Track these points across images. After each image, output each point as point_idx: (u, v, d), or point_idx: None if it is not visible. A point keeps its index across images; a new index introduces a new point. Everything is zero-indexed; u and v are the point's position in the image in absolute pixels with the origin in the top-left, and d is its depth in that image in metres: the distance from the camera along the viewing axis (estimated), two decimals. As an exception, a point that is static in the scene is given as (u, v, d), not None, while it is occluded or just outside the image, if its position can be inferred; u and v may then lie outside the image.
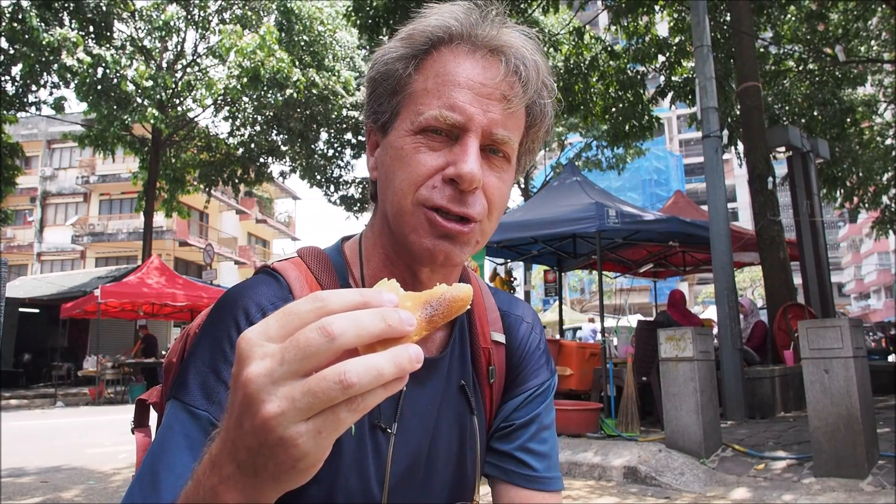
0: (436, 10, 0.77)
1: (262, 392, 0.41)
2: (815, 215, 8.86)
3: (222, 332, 0.70)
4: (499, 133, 0.73)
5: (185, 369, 0.69)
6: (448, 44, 0.75)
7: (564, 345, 8.54)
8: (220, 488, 0.46)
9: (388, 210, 0.76)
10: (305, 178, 20.76)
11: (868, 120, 15.65)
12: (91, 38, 14.28)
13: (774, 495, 4.38)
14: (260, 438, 0.42)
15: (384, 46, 0.79)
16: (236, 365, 0.44)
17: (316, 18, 17.10)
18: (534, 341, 0.94)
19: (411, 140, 0.73)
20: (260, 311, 0.71)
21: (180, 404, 0.67)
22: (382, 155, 0.78)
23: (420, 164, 0.72)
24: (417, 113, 0.73)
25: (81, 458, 6.51)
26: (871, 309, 53.64)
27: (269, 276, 0.77)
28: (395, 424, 0.77)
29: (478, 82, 0.72)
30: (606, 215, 7.22)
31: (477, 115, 0.72)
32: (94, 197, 29.76)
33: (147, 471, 0.63)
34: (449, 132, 0.72)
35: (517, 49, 0.74)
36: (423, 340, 0.80)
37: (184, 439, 0.64)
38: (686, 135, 51.92)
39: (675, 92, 12.83)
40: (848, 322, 4.59)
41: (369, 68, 0.80)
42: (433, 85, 0.73)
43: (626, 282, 16.97)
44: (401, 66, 0.75)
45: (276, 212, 38.75)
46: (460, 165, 0.70)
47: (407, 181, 0.73)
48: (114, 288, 14.00)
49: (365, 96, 0.81)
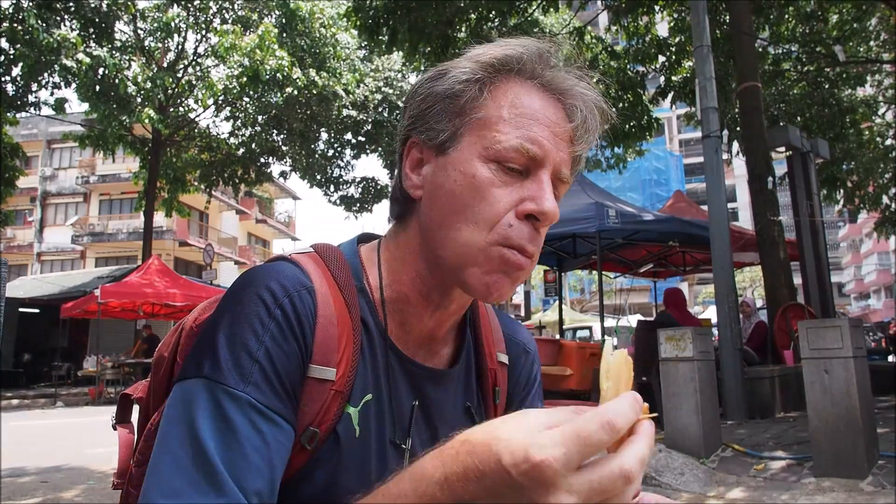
0: (504, 42, 0.76)
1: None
2: (815, 215, 8.86)
3: (250, 311, 0.67)
4: (563, 174, 0.74)
5: (211, 348, 0.66)
6: (520, 76, 0.74)
7: (564, 345, 8.54)
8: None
9: (444, 237, 0.73)
10: (305, 179, 20.74)
11: (867, 120, 15.66)
12: (91, 39, 14.27)
13: (774, 495, 4.38)
14: None
15: (450, 64, 0.77)
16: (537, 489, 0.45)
17: (317, 19, 17.10)
18: (535, 373, 0.95)
19: (485, 169, 0.71)
20: (285, 293, 0.69)
21: (214, 384, 0.63)
22: (440, 176, 0.74)
23: (499, 199, 0.70)
24: (494, 141, 0.71)
25: (81, 458, 6.52)
26: (871, 309, 53.65)
27: (287, 261, 0.76)
28: (409, 440, 0.77)
29: (552, 121, 0.72)
30: (606, 215, 7.22)
31: (552, 153, 0.72)
32: (94, 197, 29.76)
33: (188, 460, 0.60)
34: (523, 167, 0.71)
35: (586, 99, 0.75)
36: (430, 354, 0.82)
37: (223, 423, 0.61)
38: (686, 135, 51.93)
39: (675, 92, 12.83)
40: (848, 322, 4.60)
41: (428, 80, 0.77)
42: (510, 115, 0.72)
43: (626, 282, 16.97)
44: (474, 88, 0.73)
45: (276, 212, 38.74)
46: (542, 202, 0.70)
47: (485, 216, 0.70)
48: (114, 288, 14.00)
49: (413, 107, 0.78)
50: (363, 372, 0.74)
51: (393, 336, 0.78)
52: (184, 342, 0.80)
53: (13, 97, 13.86)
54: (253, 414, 0.63)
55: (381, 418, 0.75)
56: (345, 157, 20.90)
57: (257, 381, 0.64)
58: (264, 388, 0.64)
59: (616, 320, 15.18)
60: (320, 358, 0.70)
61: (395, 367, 0.78)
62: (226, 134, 19.62)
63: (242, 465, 0.60)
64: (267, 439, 0.63)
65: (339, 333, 0.72)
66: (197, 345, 0.69)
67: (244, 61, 14.58)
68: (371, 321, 0.77)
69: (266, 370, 0.65)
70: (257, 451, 0.61)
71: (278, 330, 0.67)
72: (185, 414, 0.63)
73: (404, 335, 0.79)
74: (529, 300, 20.95)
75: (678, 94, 12.85)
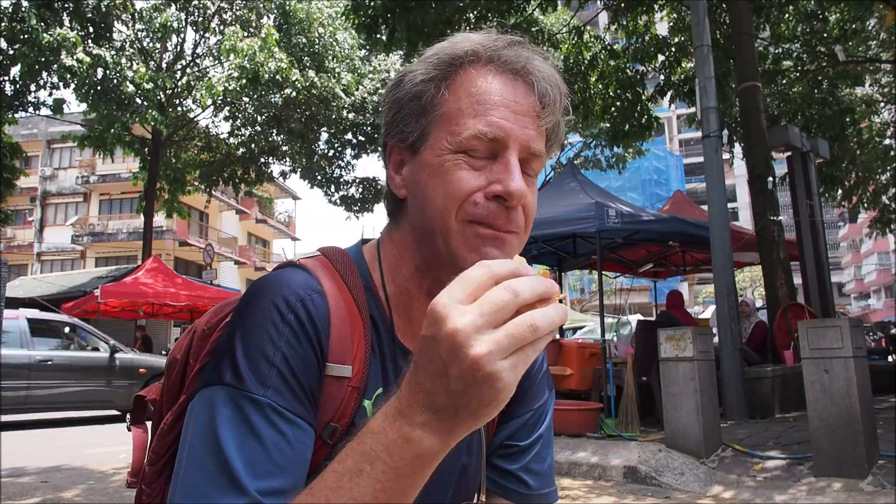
0: (459, 37, 0.79)
1: (469, 339, 0.51)
2: (815, 215, 8.85)
3: (265, 318, 0.70)
4: (534, 149, 0.75)
5: (229, 357, 0.68)
6: (475, 64, 0.76)
7: (564, 345, 8.54)
8: (414, 435, 0.55)
9: (429, 227, 0.76)
10: (305, 179, 20.74)
11: (867, 120, 15.66)
12: (91, 39, 14.27)
13: (774, 495, 4.38)
14: (468, 379, 0.52)
15: (408, 67, 0.80)
16: (432, 326, 0.53)
17: (316, 19, 17.08)
18: (540, 359, 0.96)
19: (452, 159, 0.74)
20: (298, 298, 0.72)
21: (235, 391, 0.66)
22: (416, 174, 0.78)
23: (461, 180, 0.73)
24: (455, 133, 0.74)
25: (81, 458, 6.51)
26: (871, 309, 53.65)
27: (298, 268, 0.78)
28: None
29: (511, 100, 0.74)
30: (606, 215, 7.21)
31: (515, 131, 0.73)
32: (94, 197, 29.77)
33: (211, 467, 0.62)
34: (488, 151, 0.73)
35: (542, 72, 0.76)
36: None
37: (246, 426, 0.64)
38: (686, 135, 51.90)
39: (674, 91, 12.83)
40: (848, 322, 4.60)
41: (392, 89, 0.81)
42: (467, 104, 0.74)
43: (626, 282, 16.94)
44: (431, 87, 0.76)
45: (276, 212, 38.73)
46: (508, 183, 0.72)
47: (449, 198, 0.73)
48: (114, 288, 14.00)
49: (385, 115, 0.82)
50: (375, 367, 0.78)
51: (400, 331, 0.81)
52: (196, 344, 0.83)
53: (12, 97, 13.85)
54: (274, 417, 0.65)
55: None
56: (345, 157, 20.88)
57: (276, 385, 0.67)
58: (284, 392, 0.67)
59: (616, 320, 15.17)
60: (337, 357, 0.73)
61: (402, 361, 0.80)
62: (225, 134, 19.63)
63: (266, 466, 0.63)
64: (290, 440, 0.65)
65: (351, 332, 0.75)
66: (216, 353, 0.72)
67: (245, 63, 14.57)
68: (379, 318, 0.80)
69: (284, 374, 0.68)
70: (281, 451, 0.64)
71: (293, 335, 0.70)
72: (209, 421, 0.65)
73: (411, 329, 0.82)
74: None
75: (678, 94, 12.85)
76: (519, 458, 0.90)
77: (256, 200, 33.81)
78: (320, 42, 17.20)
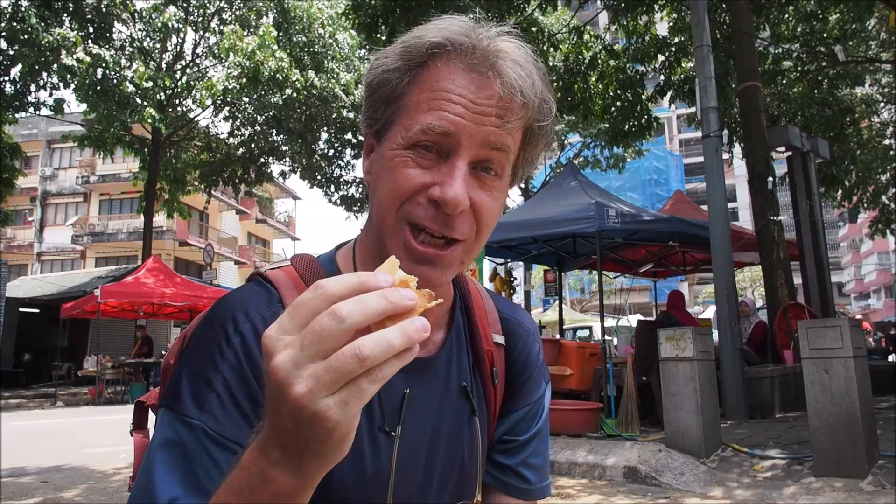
0: (435, 23, 0.75)
1: (289, 376, 0.46)
2: (815, 215, 8.85)
3: (212, 341, 0.70)
4: (495, 143, 0.71)
5: (177, 378, 0.70)
6: (444, 57, 0.72)
7: (564, 345, 8.54)
8: (270, 472, 0.51)
9: (376, 221, 0.76)
10: (305, 179, 20.74)
11: (867, 120, 15.66)
12: (91, 39, 14.27)
13: (774, 495, 4.38)
14: (295, 417, 0.47)
15: (382, 53, 0.76)
16: (265, 361, 0.48)
17: (316, 19, 17.09)
18: (535, 350, 0.95)
19: (402, 153, 0.72)
20: (248, 320, 0.71)
21: (174, 414, 0.67)
22: (374, 163, 0.77)
23: (406, 178, 0.71)
24: (408, 128, 0.71)
25: (81, 458, 6.51)
26: (871, 309, 53.64)
27: (259, 285, 0.77)
28: (399, 427, 0.77)
29: (470, 99, 0.70)
30: (606, 215, 7.21)
31: (467, 130, 0.70)
32: (94, 197, 29.77)
33: (142, 485, 0.64)
34: (439, 149, 0.71)
35: (516, 69, 0.72)
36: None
37: (177, 449, 0.65)
38: (686, 135, 51.88)
39: (674, 91, 12.83)
40: (848, 322, 4.60)
41: (367, 73, 0.78)
42: (425, 98, 0.71)
43: (626, 282, 16.95)
44: (395, 77, 0.73)
45: (276, 212, 38.74)
46: (445, 189, 0.69)
47: (392, 195, 0.72)
48: (114, 288, 13.99)
49: (363, 99, 0.80)
50: None
51: None
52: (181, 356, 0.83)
53: (12, 97, 13.86)
54: (206, 441, 0.65)
55: (370, 407, 0.76)
56: (345, 157, 20.88)
57: (213, 409, 0.66)
58: (220, 417, 0.66)
59: (616, 320, 15.17)
60: None
61: None
62: (225, 134, 19.63)
63: (186, 488, 0.62)
64: (219, 465, 0.64)
65: None
66: (171, 373, 0.73)
67: (245, 62, 14.57)
68: None
69: (223, 398, 0.67)
70: (209, 476, 0.63)
71: (235, 358, 0.69)
72: (153, 441, 0.67)
73: None
74: (529, 300, 20.92)
75: (678, 94, 12.85)
76: (518, 453, 0.90)
77: (256, 200, 33.86)
78: (320, 42, 17.20)
